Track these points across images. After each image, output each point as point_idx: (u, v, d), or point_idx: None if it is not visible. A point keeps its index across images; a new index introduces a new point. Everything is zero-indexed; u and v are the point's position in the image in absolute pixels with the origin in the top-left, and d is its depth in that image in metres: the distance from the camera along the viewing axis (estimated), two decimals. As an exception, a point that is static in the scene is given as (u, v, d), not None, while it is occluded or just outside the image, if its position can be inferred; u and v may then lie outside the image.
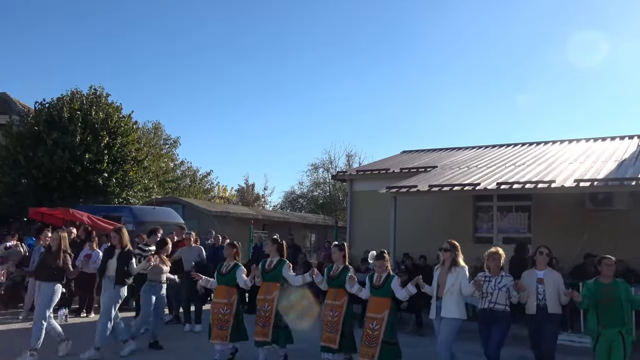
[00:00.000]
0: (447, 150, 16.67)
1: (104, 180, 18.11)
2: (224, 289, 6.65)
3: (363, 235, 13.49)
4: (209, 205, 22.09)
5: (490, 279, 5.92)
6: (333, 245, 6.84)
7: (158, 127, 33.59)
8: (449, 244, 6.07)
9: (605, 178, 9.17)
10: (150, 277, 7.48)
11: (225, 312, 6.52)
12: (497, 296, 5.82)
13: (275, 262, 6.68)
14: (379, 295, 6.00)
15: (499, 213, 12.19)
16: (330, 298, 6.39)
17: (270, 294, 6.54)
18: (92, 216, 12.10)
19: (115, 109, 19.70)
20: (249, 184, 37.29)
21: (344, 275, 6.33)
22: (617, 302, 5.53)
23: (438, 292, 5.95)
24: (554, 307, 5.82)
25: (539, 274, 5.94)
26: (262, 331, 6.44)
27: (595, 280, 5.78)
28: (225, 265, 6.82)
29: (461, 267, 5.97)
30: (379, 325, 5.85)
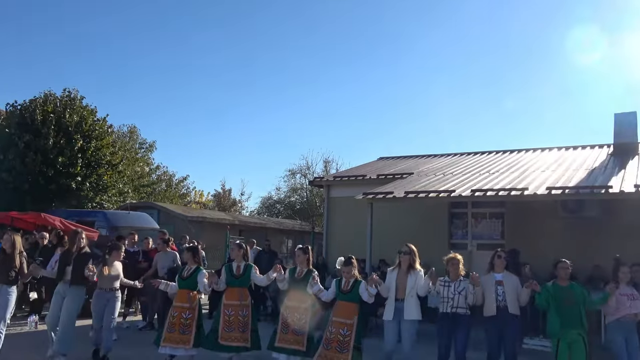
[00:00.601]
0: (423, 157, 16.86)
1: (77, 184, 17.80)
2: (186, 293, 6.65)
3: (340, 241, 13.54)
4: (185, 210, 21.90)
5: (450, 284, 6.12)
6: (297, 249, 6.90)
7: (133, 130, 33.21)
8: (408, 248, 6.31)
9: (576, 186, 9.39)
10: (100, 284, 6.99)
11: (187, 317, 6.51)
12: (458, 301, 6.03)
13: (243, 267, 6.78)
14: (348, 300, 6.11)
15: (473, 220, 12.42)
16: (295, 301, 6.45)
17: (244, 299, 6.63)
18: (64, 221, 11.86)
19: (89, 112, 19.41)
20: (225, 189, 37.08)
21: (309, 277, 6.44)
22: (576, 305, 5.76)
23: (397, 294, 6.12)
24: (513, 309, 6.01)
25: (498, 277, 6.14)
26: (242, 336, 6.47)
27: (553, 283, 5.99)
28: (187, 270, 6.81)
29: (418, 270, 6.24)
30: (350, 330, 5.96)
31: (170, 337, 6.43)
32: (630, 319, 5.94)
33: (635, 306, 5.95)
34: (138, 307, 10.69)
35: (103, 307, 6.88)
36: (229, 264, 7.07)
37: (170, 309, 6.69)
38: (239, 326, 6.51)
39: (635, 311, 5.94)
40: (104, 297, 6.91)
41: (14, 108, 18.30)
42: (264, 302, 11.87)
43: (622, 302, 5.97)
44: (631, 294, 6.04)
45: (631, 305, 5.94)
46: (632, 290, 6.09)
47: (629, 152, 12.21)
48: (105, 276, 6.90)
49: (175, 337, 6.42)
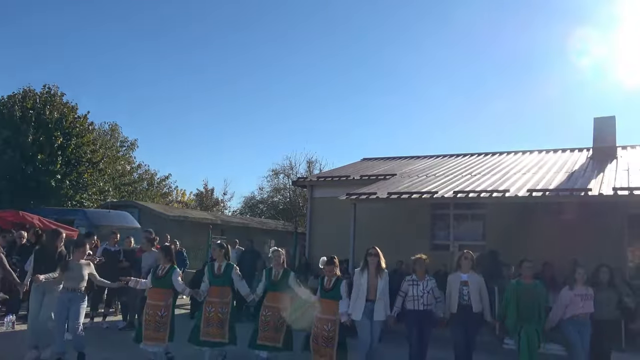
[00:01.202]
0: (406, 159, 16.94)
1: (56, 182, 17.56)
2: (160, 292, 6.77)
3: (323, 241, 13.53)
4: (167, 210, 21.70)
5: (418, 283, 6.51)
6: (273, 250, 7.31)
7: (115, 128, 32.86)
8: (375, 250, 6.65)
9: (556, 188, 9.52)
10: (64, 284, 6.74)
11: (162, 315, 6.66)
12: (427, 299, 6.47)
13: (224, 267, 7.02)
14: (330, 298, 6.46)
15: (455, 221, 12.51)
16: (274, 302, 6.84)
17: (225, 296, 6.89)
18: (43, 219, 11.69)
19: (70, 108, 19.17)
20: (208, 188, 36.82)
21: (285, 279, 6.87)
22: (536, 301, 6.29)
23: (369, 295, 6.41)
24: (477, 307, 6.42)
25: (464, 277, 6.51)
26: (220, 332, 6.74)
27: (517, 281, 6.52)
28: (161, 268, 6.90)
29: (385, 271, 6.60)
30: (334, 326, 6.37)
31: (147, 335, 6.60)
32: (583, 317, 6.38)
33: (588, 306, 6.35)
34: (118, 307, 10.56)
35: (65, 308, 6.62)
36: (211, 263, 7.29)
37: (145, 307, 6.82)
38: (217, 322, 6.76)
39: (587, 311, 6.35)
40: (66, 298, 6.63)
41: (-8, 103, 17.99)
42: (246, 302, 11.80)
43: (575, 302, 6.36)
44: (585, 294, 6.41)
45: (584, 306, 6.34)
46: (587, 290, 6.45)
47: (607, 155, 12.42)
48: (70, 275, 6.69)
49: (150, 335, 6.59)
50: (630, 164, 11.35)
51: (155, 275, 6.86)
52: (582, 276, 6.48)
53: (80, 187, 18.87)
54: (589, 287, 6.49)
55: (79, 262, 6.88)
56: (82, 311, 6.77)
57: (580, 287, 6.45)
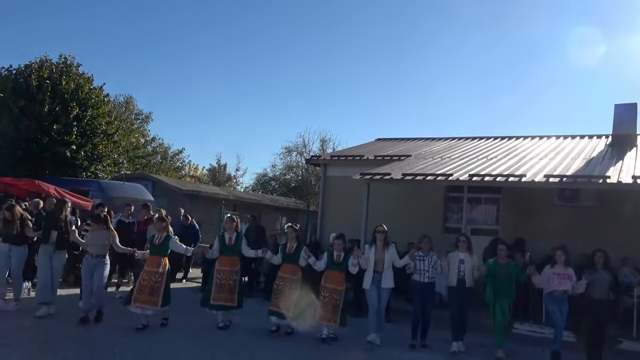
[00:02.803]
0: (421, 140, 16.80)
1: (72, 153, 17.65)
2: (157, 259, 7.33)
3: (334, 220, 13.55)
4: (180, 184, 21.78)
5: (424, 258, 7.44)
6: (288, 226, 8.03)
7: (130, 101, 32.90)
8: (382, 227, 7.57)
9: (574, 175, 9.38)
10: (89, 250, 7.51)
11: (157, 280, 7.18)
12: (432, 272, 7.44)
13: (234, 238, 7.74)
14: (339, 270, 7.44)
15: (468, 204, 12.43)
16: (288, 273, 7.50)
17: (235, 265, 7.64)
18: (59, 189, 11.80)
19: (86, 79, 19.15)
20: (221, 164, 36.92)
21: (299, 252, 7.52)
22: (510, 279, 7.18)
23: (377, 267, 7.38)
24: (470, 282, 7.36)
25: (461, 256, 7.38)
26: (230, 297, 7.50)
27: (494, 261, 7.35)
28: (158, 238, 7.48)
29: (392, 245, 7.57)
30: (340, 295, 7.31)
31: (139, 298, 7.09)
32: (560, 294, 7.07)
33: (564, 284, 7.05)
34: (131, 278, 10.68)
35: (90, 271, 7.36)
36: (222, 234, 7.93)
37: (142, 272, 7.36)
38: (229, 288, 7.51)
39: (563, 288, 7.05)
40: (91, 263, 7.40)
41: (8, 72, 18.02)
42: (257, 278, 11.91)
43: (552, 280, 7.12)
44: (563, 274, 7.10)
45: (559, 283, 7.06)
46: (566, 270, 7.14)
47: (627, 143, 12.19)
48: (93, 242, 7.44)
49: (144, 298, 7.08)
50: (651, 152, 11.14)
51: (152, 244, 7.45)
52: (561, 257, 7.16)
53: (95, 158, 18.95)
54: (568, 268, 7.18)
55: (100, 231, 7.51)
56: (105, 274, 7.49)
57: (559, 266, 7.16)
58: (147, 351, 6.17)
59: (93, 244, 7.43)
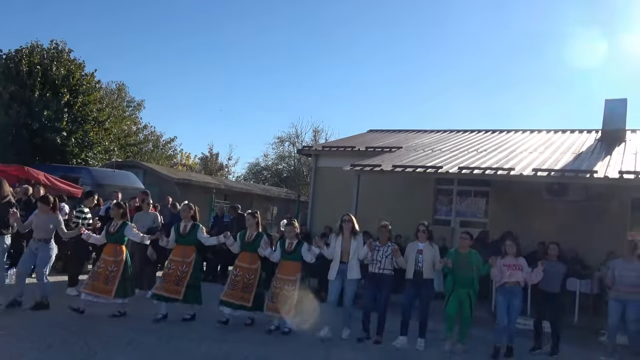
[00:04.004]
0: (413, 132, 16.84)
1: (62, 139, 17.55)
2: (112, 247, 7.03)
3: (324, 210, 13.59)
4: (171, 172, 21.75)
5: (380, 248, 7.02)
6: (247, 213, 7.60)
7: (122, 88, 32.61)
8: (349, 216, 7.22)
9: (562, 169, 9.47)
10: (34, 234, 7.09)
11: (112, 269, 6.88)
12: (385, 263, 6.96)
13: (189, 227, 7.23)
14: (291, 259, 7.01)
15: (458, 197, 12.51)
16: (245, 262, 7.11)
17: (187, 256, 7.10)
18: (48, 176, 11.75)
19: (77, 66, 19.01)
20: (213, 153, 36.82)
21: (258, 241, 7.13)
22: (470, 269, 6.83)
23: (342, 257, 6.99)
24: (428, 274, 6.92)
25: (420, 246, 7.00)
26: (176, 289, 6.91)
27: (455, 250, 7.14)
28: (114, 225, 7.13)
29: (359, 235, 7.15)
30: (294, 286, 6.86)
31: (93, 286, 6.80)
32: (511, 285, 6.77)
33: (515, 275, 6.77)
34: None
35: (30, 255, 7.01)
36: (177, 223, 7.48)
37: (98, 260, 7.10)
38: (175, 280, 6.95)
39: (514, 279, 6.76)
40: (33, 246, 7.02)
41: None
42: None
43: (503, 271, 6.83)
44: (514, 264, 6.84)
45: (510, 275, 6.77)
46: (517, 261, 6.87)
47: (616, 138, 12.29)
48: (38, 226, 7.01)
49: (98, 286, 6.79)
50: (639, 147, 11.25)
51: (107, 231, 7.10)
52: (512, 247, 6.92)
53: (86, 145, 18.86)
54: (520, 258, 6.93)
55: (48, 214, 7.03)
56: (48, 260, 7.02)
57: (510, 258, 6.90)
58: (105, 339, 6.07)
59: (38, 228, 7.01)
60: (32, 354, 5.29)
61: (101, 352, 5.50)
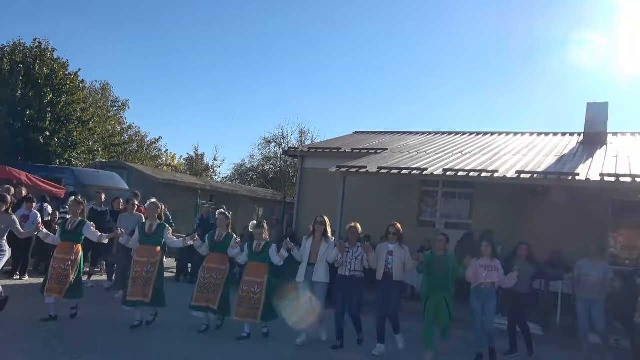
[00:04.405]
0: (398, 134, 16.92)
1: (45, 139, 17.38)
2: (67, 245, 6.73)
3: (310, 212, 13.50)
4: (156, 173, 21.61)
5: (349, 250, 6.79)
6: (219, 213, 7.36)
7: (106, 88, 32.39)
8: (322, 219, 7.02)
9: (544, 171, 9.59)
10: None
11: (66, 268, 6.59)
12: (355, 265, 6.73)
13: (155, 226, 6.93)
14: (258, 260, 6.79)
15: (443, 198, 12.60)
16: (214, 262, 6.90)
17: (153, 257, 6.80)
18: (31, 176, 11.61)
19: (61, 65, 18.83)
20: (198, 153, 36.65)
21: (228, 241, 6.94)
22: (446, 271, 6.60)
23: (310, 259, 6.80)
24: (398, 275, 6.72)
25: (390, 247, 6.79)
26: (143, 291, 6.62)
27: (431, 252, 6.91)
28: (71, 222, 6.88)
29: (330, 238, 6.95)
30: (260, 288, 6.64)
31: (50, 287, 6.55)
32: (487, 287, 6.68)
33: (491, 276, 6.68)
34: (104, 267, 10.61)
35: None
36: (142, 223, 7.22)
37: (52, 260, 6.74)
38: (141, 282, 6.66)
39: (490, 280, 6.67)
40: None
41: (-21, 55, 17.62)
42: None
43: (479, 272, 6.71)
44: (489, 265, 6.74)
45: (487, 276, 6.67)
46: (492, 262, 6.77)
47: (598, 141, 12.48)
48: None
49: (51, 287, 6.53)
50: (619, 151, 11.43)
51: (64, 230, 6.84)
52: (487, 248, 6.82)
53: (69, 145, 18.69)
54: (495, 259, 6.82)
55: (1, 215, 6.73)
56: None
57: (485, 259, 6.79)
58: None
59: None
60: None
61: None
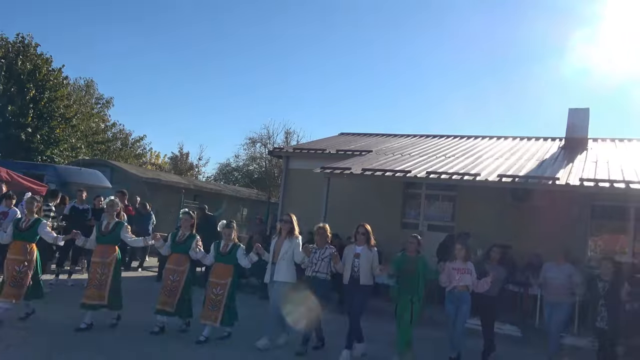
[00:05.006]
0: (383, 136, 17.03)
1: (27, 136, 17.18)
2: (21, 245, 6.44)
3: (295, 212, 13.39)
4: (140, 171, 21.41)
5: (317, 251, 6.67)
6: (183, 212, 7.15)
7: (90, 85, 32.08)
8: (288, 217, 6.86)
9: (526, 175, 9.72)
10: None
11: (21, 269, 6.32)
12: (320, 266, 6.60)
13: (112, 225, 6.73)
14: (225, 262, 6.64)
15: (426, 201, 12.70)
16: (173, 263, 6.74)
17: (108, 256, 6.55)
18: (11, 172, 11.44)
19: (44, 61, 18.63)
20: (183, 152, 36.41)
21: (190, 242, 6.75)
22: (415, 274, 6.48)
23: (273, 258, 6.63)
24: (365, 279, 6.54)
25: (357, 250, 6.64)
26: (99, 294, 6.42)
27: (402, 253, 6.80)
28: (25, 221, 6.62)
29: (296, 237, 6.72)
30: (223, 290, 6.51)
31: (6, 292, 6.21)
32: (460, 290, 6.68)
33: (464, 279, 6.68)
34: (84, 265, 10.51)
35: None
36: (99, 222, 6.97)
37: (5, 261, 6.47)
38: (99, 284, 6.45)
39: (464, 283, 6.67)
40: None
41: (-39, 50, 17.37)
42: None
43: (452, 275, 6.72)
44: (462, 268, 6.73)
45: (460, 279, 6.68)
46: (465, 265, 6.77)
47: (579, 146, 12.69)
48: None
49: (8, 291, 6.22)
50: (599, 156, 11.64)
51: (17, 228, 6.56)
52: (460, 251, 6.80)
53: (52, 142, 18.50)
54: (468, 262, 6.81)
55: None
56: None
57: (459, 261, 6.78)
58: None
59: None
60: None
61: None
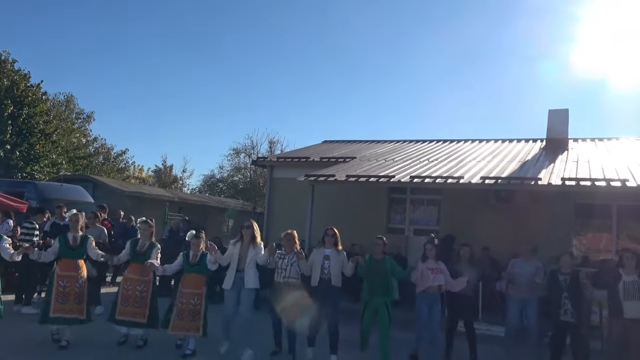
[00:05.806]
0: (367, 143, 17.10)
1: (6, 153, 16.95)
2: None
3: (280, 221, 13.53)
4: (122, 185, 21.19)
5: (285, 257, 6.65)
6: (141, 222, 7.06)
7: (70, 99, 31.76)
8: (250, 223, 6.73)
9: (508, 177, 9.82)
10: None
11: None
12: (290, 271, 6.57)
13: (79, 239, 6.63)
14: (197, 272, 6.57)
15: (411, 205, 12.76)
16: (137, 273, 6.62)
17: (77, 270, 6.45)
18: (-10, 190, 11.26)
19: (22, 76, 18.42)
20: (167, 165, 36.15)
21: (150, 252, 6.66)
22: (385, 275, 6.52)
23: (239, 265, 6.50)
24: (336, 281, 6.49)
25: (327, 252, 6.60)
26: (77, 308, 6.33)
27: (370, 256, 6.76)
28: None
29: (259, 243, 6.64)
30: (200, 299, 6.47)
31: None
32: (434, 290, 6.65)
33: (438, 279, 6.65)
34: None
35: None
36: (64, 234, 6.78)
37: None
38: (73, 298, 6.33)
39: (438, 283, 6.64)
40: None
41: (-64, 68, 17.10)
42: None
43: (426, 275, 6.66)
44: (436, 268, 6.71)
45: (434, 279, 6.64)
46: (438, 265, 6.74)
47: (559, 146, 12.87)
48: None
49: None
50: (580, 155, 11.80)
51: None
52: (431, 250, 6.79)
53: (32, 158, 18.25)
54: (439, 262, 6.78)
55: None
56: None
57: (431, 261, 6.75)
58: None
59: None
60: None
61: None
